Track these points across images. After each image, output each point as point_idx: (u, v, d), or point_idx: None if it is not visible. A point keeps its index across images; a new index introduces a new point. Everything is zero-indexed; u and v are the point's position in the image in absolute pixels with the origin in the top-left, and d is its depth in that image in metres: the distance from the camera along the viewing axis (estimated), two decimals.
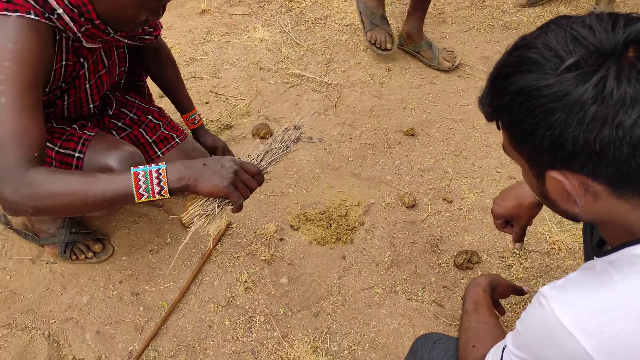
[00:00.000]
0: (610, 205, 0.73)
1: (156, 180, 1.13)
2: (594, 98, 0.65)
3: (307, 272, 1.70)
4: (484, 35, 2.64)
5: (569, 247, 1.72)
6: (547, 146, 0.70)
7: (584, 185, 0.72)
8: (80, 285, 1.65)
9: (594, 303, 0.68)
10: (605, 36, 0.66)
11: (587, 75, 0.65)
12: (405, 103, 2.28)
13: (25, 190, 1.10)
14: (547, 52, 0.68)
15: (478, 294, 1.14)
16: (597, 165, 0.68)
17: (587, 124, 0.66)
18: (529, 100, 0.69)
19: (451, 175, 1.99)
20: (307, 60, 2.50)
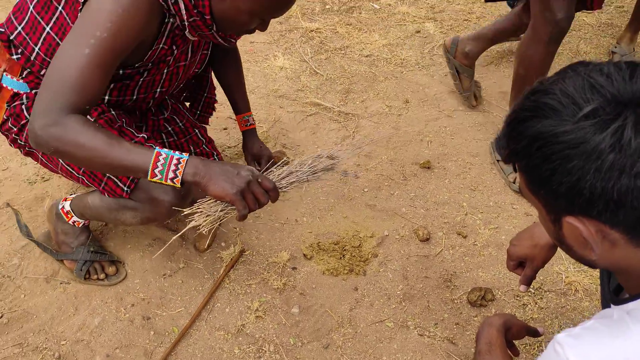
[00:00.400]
0: (627, 253, 0.73)
1: (174, 167, 1.18)
2: (612, 147, 0.65)
3: (318, 302, 1.69)
4: (503, 71, 2.65)
5: (586, 288, 1.69)
6: (564, 192, 0.70)
7: (601, 233, 0.72)
8: (93, 307, 1.65)
9: (609, 354, 0.68)
10: (623, 85, 0.67)
11: (605, 124, 0.66)
12: (422, 135, 2.29)
13: (55, 129, 1.15)
14: (565, 99, 0.69)
15: (492, 334, 1.12)
16: (615, 213, 0.68)
17: (604, 172, 0.66)
18: (546, 145, 0.70)
19: (466, 209, 1.98)
20: (326, 90, 2.53)
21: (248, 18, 1.29)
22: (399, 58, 2.72)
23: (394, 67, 2.67)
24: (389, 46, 2.81)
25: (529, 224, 1.91)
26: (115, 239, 1.85)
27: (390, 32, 2.91)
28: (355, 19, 3.01)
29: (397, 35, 2.88)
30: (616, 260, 0.75)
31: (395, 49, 2.79)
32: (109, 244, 1.83)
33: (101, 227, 1.88)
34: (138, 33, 1.23)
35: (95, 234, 1.83)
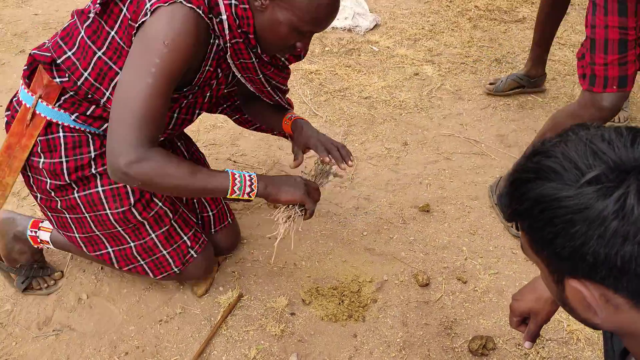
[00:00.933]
0: (632, 318, 0.72)
1: (248, 183, 1.38)
2: (615, 214, 0.65)
3: (317, 350, 1.65)
4: (500, 114, 2.67)
5: (588, 337, 1.66)
6: (567, 256, 0.70)
7: (604, 297, 0.71)
8: (85, 355, 1.62)
9: None
10: (624, 152, 0.68)
11: (608, 191, 0.66)
12: (420, 178, 2.29)
13: (141, 166, 1.25)
14: (567, 163, 0.69)
15: None
16: (618, 279, 0.68)
17: (608, 239, 0.66)
18: (548, 209, 0.70)
19: (466, 254, 1.96)
20: (325, 132, 2.54)
21: (287, 31, 1.33)
22: (397, 100, 2.75)
23: (393, 109, 2.70)
24: (387, 88, 2.84)
25: (528, 269, 1.89)
26: (111, 282, 1.82)
27: (389, 74, 2.95)
28: (354, 61, 3.05)
29: (395, 78, 2.92)
30: (620, 324, 0.74)
31: (394, 91, 2.82)
32: (104, 289, 1.81)
33: (97, 270, 1.86)
34: (190, 56, 1.29)
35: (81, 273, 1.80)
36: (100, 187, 1.54)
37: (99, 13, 1.39)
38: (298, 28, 1.33)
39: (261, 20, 1.33)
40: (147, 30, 1.26)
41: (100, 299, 1.78)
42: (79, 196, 1.54)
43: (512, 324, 1.28)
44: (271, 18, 1.32)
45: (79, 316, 1.73)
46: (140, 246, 1.62)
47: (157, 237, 1.62)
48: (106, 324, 1.71)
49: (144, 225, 1.59)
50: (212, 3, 1.30)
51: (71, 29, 1.47)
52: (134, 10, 1.31)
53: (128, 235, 1.60)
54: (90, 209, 1.55)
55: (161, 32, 1.24)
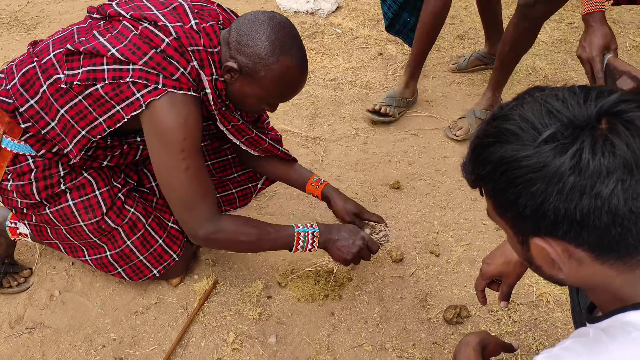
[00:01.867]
0: (594, 271, 0.74)
1: (310, 240, 1.57)
2: (572, 169, 0.67)
3: (295, 330, 1.67)
4: (465, 89, 2.71)
5: (557, 299, 1.71)
6: (530, 215, 0.72)
7: (567, 252, 0.73)
8: (61, 351, 1.60)
9: None
10: (578, 109, 0.70)
11: (563, 148, 0.68)
12: (390, 156, 2.31)
13: (217, 237, 1.46)
14: (524, 124, 0.71)
15: (469, 354, 1.12)
16: (579, 233, 0.70)
17: (566, 194, 0.68)
18: (509, 170, 0.72)
19: (438, 228, 2.00)
20: (292, 115, 2.54)
21: (256, 102, 1.44)
22: (363, 81, 2.76)
23: (359, 89, 2.71)
24: (352, 69, 2.84)
25: (499, 238, 1.94)
26: (83, 277, 1.80)
27: (354, 55, 2.95)
28: (318, 44, 3.04)
29: (360, 59, 2.92)
30: (584, 278, 0.77)
31: (359, 72, 2.82)
32: (76, 284, 1.78)
33: (67, 265, 1.83)
34: (199, 128, 1.40)
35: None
36: (71, 200, 1.54)
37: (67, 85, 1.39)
38: (266, 101, 1.45)
39: (232, 91, 1.43)
40: (157, 125, 1.35)
41: (73, 295, 1.75)
42: (51, 212, 1.55)
43: (479, 287, 1.31)
44: (241, 90, 1.41)
45: (52, 313, 1.70)
46: (117, 254, 1.63)
47: (133, 243, 1.62)
48: (81, 318, 1.69)
49: (118, 232, 1.59)
50: (197, 80, 1.38)
51: (31, 76, 1.44)
52: (114, 92, 1.34)
53: (104, 244, 1.60)
54: (64, 222, 1.56)
55: (172, 124, 1.34)
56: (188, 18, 1.38)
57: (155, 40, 1.33)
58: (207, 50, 1.37)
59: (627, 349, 0.68)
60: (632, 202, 0.67)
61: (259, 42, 1.33)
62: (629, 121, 0.68)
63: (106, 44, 1.34)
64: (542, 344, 1.60)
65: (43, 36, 3.17)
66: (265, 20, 1.35)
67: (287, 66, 1.36)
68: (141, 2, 1.43)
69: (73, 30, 1.46)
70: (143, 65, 1.31)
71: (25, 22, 3.30)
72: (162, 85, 1.32)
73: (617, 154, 0.67)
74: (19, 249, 1.86)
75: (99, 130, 1.42)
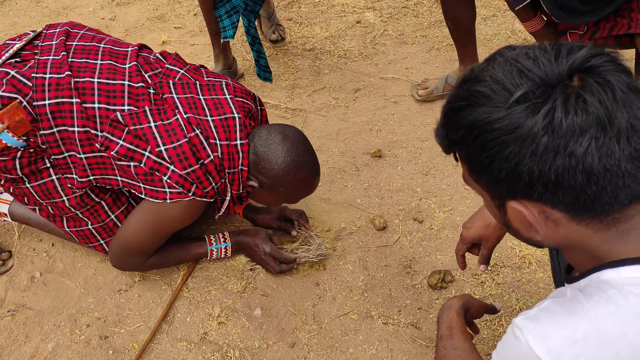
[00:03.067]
0: (571, 231, 0.74)
1: (223, 252, 1.72)
2: (545, 129, 0.66)
3: (280, 302, 1.67)
4: (444, 54, 2.68)
5: (539, 260, 1.73)
6: (505, 178, 0.71)
7: (543, 214, 0.73)
8: (45, 332, 1.58)
9: (567, 334, 0.68)
10: (549, 67, 0.68)
11: (535, 107, 0.67)
12: (370, 125, 2.29)
13: (141, 268, 1.66)
14: (495, 85, 0.70)
15: (452, 317, 1.13)
16: (554, 194, 0.69)
17: (540, 154, 0.67)
18: (482, 134, 0.71)
19: (420, 194, 2.00)
20: (271, 87, 2.50)
21: (275, 204, 1.67)
22: (341, 49, 2.72)
23: (338, 58, 2.67)
24: (330, 38, 2.80)
25: (481, 203, 1.94)
26: (64, 258, 1.78)
27: (331, 24, 2.90)
28: (295, 14, 2.98)
29: (338, 27, 2.88)
30: (561, 238, 0.77)
31: (338, 41, 2.78)
32: (57, 265, 1.76)
33: (48, 247, 1.81)
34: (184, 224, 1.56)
35: None
36: (54, 175, 1.50)
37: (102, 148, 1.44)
38: (285, 202, 1.64)
39: (253, 195, 1.61)
40: (163, 207, 1.46)
41: (55, 276, 1.73)
42: (32, 186, 1.51)
43: (460, 251, 1.32)
44: (261, 197, 1.60)
45: (34, 294, 1.68)
46: (101, 227, 1.60)
47: (117, 217, 1.60)
48: (63, 299, 1.67)
49: (101, 205, 1.57)
50: (220, 188, 1.50)
51: (65, 111, 1.41)
52: (144, 176, 1.43)
53: (87, 217, 1.57)
54: (45, 197, 1.52)
55: (174, 215, 1.48)
56: (236, 135, 1.48)
57: (202, 153, 1.43)
58: (242, 169, 1.51)
59: (604, 307, 0.68)
60: (606, 160, 0.66)
61: (276, 166, 1.49)
62: (600, 76, 0.67)
63: (157, 137, 1.41)
64: (526, 305, 1.62)
65: (10, 15, 3.07)
66: (279, 142, 1.49)
67: (303, 179, 1.53)
68: (197, 97, 1.50)
69: (124, 72, 1.47)
70: (185, 174, 1.41)
71: None
72: (192, 194, 1.44)
73: (589, 111, 0.66)
74: (6, 226, 1.83)
75: (112, 183, 1.50)
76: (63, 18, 3.02)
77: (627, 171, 0.67)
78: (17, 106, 1.37)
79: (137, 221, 1.52)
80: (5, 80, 1.38)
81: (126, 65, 1.49)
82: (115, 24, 2.95)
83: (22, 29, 2.91)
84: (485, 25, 2.86)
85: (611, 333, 0.66)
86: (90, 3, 3.14)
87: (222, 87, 1.55)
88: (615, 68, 0.68)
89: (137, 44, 1.58)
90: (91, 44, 1.50)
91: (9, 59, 1.43)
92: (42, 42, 1.48)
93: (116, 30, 2.90)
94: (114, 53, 1.51)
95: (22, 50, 1.47)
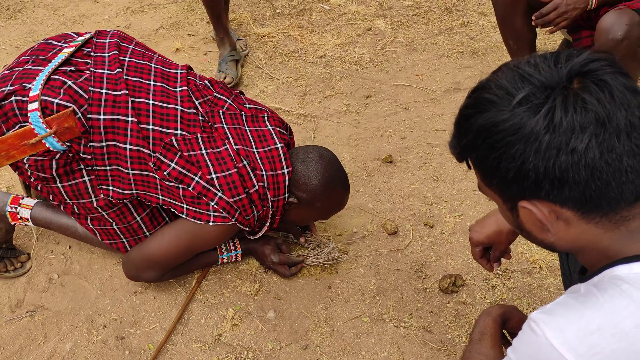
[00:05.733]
0: (582, 231, 0.76)
1: (234, 259, 1.77)
2: (546, 127, 0.70)
3: (293, 304, 1.69)
4: (454, 62, 2.71)
5: (550, 265, 1.74)
6: (513, 178, 0.74)
7: (554, 213, 0.75)
8: (63, 332, 1.61)
9: (583, 325, 0.70)
10: (549, 72, 0.72)
11: (537, 108, 0.71)
12: (381, 131, 2.32)
13: (154, 280, 1.68)
14: (499, 91, 0.74)
15: (487, 323, 1.10)
16: (561, 190, 0.72)
17: (543, 152, 0.70)
18: (489, 136, 0.75)
19: (431, 200, 2.02)
20: (283, 94, 2.54)
21: (310, 220, 1.77)
22: (352, 57, 2.75)
23: (349, 65, 2.70)
24: (342, 45, 2.83)
25: (491, 208, 1.95)
26: (81, 260, 1.81)
27: (342, 31, 2.94)
28: (306, 21, 3.02)
29: (349, 34, 2.91)
30: (573, 240, 0.79)
31: (349, 48, 2.82)
32: (74, 267, 1.79)
33: (65, 249, 1.84)
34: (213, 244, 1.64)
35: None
36: (86, 176, 1.51)
37: (156, 169, 1.48)
38: (319, 219, 1.73)
39: (289, 214, 1.67)
40: (202, 228, 1.52)
41: (72, 277, 1.77)
42: (63, 186, 1.52)
43: (477, 255, 1.33)
44: (298, 214, 1.66)
45: (52, 296, 1.71)
46: (125, 228, 1.63)
47: (142, 219, 1.63)
48: (80, 300, 1.70)
49: (128, 207, 1.59)
50: (262, 215, 1.58)
51: (119, 127, 1.45)
52: (191, 199, 1.49)
53: (112, 219, 1.60)
54: (75, 197, 1.54)
55: (211, 236, 1.54)
56: (281, 164, 1.57)
57: (249, 183, 1.51)
58: (284, 198, 1.58)
59: (617, 301, 0.70)
60: (607, 155, 0.69)
61: (316, 181, 1.58)
62: (599, 78, 0.71)
63: (209, 164, 1.48)
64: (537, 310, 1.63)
65: (28, 23, 3.13)
66: (317, 160, 1.60)
67: (339, 194, 1.65)
68: (244, 129, 1.58)
69: (176, 96, 1.52)
70: (232, 202, 1.48)
71: (9, 8, 3.25)
72: (235, 220, 1.51)
73: (588, 109, 0.69)
74: (16, 234, 1.86)
75: (151, 200, 1.54)
76: (79, 26, 3.08)
77: (629, 166, 0.70)
78: (69, 114, 1.39)
79: (172, 238, 1.57)
80: (63, 90, 1.41)
81: (177, 89, 1.54)
82: (130, 31, 3.00)
83: (40, 36, 2.97)
84: (497, 34, 2.88)
85: (625, 325, 0.68)
86: (105, 11, 3.20)
87: (265, 120, 1.65)
88: (613, 70, 0.72)
89: (184, 65, 1.63)
90: (143, 62, 1.54)
91: (61, 65, 1.45)
92: (94, 52, 1.51)
93: None
94: (165, 75, 1.55)
95: (71, 56, 1.49)
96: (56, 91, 1.40)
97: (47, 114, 1.39)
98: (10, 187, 2.05)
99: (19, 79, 1.43)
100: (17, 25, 3.11)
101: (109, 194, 1.52)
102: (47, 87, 1.40)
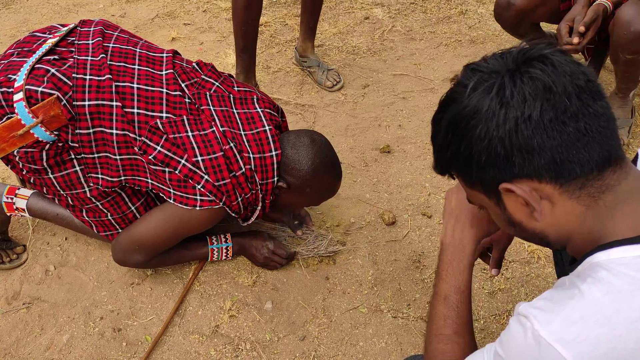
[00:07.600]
0: (566, 209, 0.79)
1: (225, 252, 1.74)
2: (500, 102, 0.76)
3: (291, 295, 1.69)
4: (452, 51, 2.69)
5: (548, 255, 1.74)
6: (486, 160, 0.78)
7: (535, 191, 0.78)
8: (60, 324, 1.61)
9: (567, 315, 0.73)
10: (496, 62, 0.80)
11: (489, 89, 0.77)
12: (379, 120, 2.30)
13: (142, 266, 1.66)
14: (457, 88, 0.82)
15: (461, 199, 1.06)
16: (531, 160, 0.76)
17: (503, 124, 0.75)
18: (456, 127, 0.80)
19: (429, 190, 2.01)
20: (280, 83, 2.52)
21: (299, 206, 1.74)
22: (350, 46, 2.73)
23: (346, 55, 2.68)
24: (339, 34, 2.81)
25: None
26: (77, 252, 1.80)
27: (340, 20, 2.92)
28: None
29: (346, 23, 2.89)
30: (560, 222, 0.80)
31: (346, 37, 2.79)
32: (71, 259, 1.78)
33: (61, 241, 1.83)
34: (199, 230, 1.60)
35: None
36: (78, 166, 1.50)
37: (140, 153, 1.46)
38: (309, 204, 1.72)
39: (279, 200, 1.63)
40: (191, 217, 1.50)
41: (69, 269, 1.76)
42: (55, 177, 1.51)
43: None
44: (288, 199, 1.63)
45: (49, 287, 1.71)
46: (120, 218, 1.62)
47: (137, 209, 1.62)
48: (77, 292, 1.70)
49: (122, 197, 1.58)
50: (251, 199, 1.55)
51: (104, 113, 1.43)
52: (177, 182, 1.46)
53: (107, 209, 1.59)
54: (67, 187, 1.53)
55: (201, 223, 1.53)
56: (269, 147, 1.53)
57: (235, 166, 1.48)
58: (274, 181, 1.54)
59: (597, 288, 0.72)
60: (563, 115, 0.74)
61: (306, 166, 1.54)
62: (539, 54, 0.77)
63: (195, 147, 1.45)
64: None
65: (22, 12, 3.10)
66: (308, 145, 1.56)
67: (329, 180, 1.60)
68: (232, 111, 1.55)
69: (161, 79, 1.50)
70: (218, 185, 1.46)
71: None
72: (222, 203, 1.49)
73: (534, 78, 0.75)
74: (12, 226, 1.85)
75: (141, 184, 1.53)
76: (74, 15, 3.05)
77: (587, 124, 0.74)
78: (54, 102, 1.38)
79: (159, 222, 1.55)
80: (47, 78, 1.39)
81: (162, 72, 1.52)
82: (126, 20, 2.97)
83: (34, 26, 2.94)
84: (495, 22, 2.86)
85: (607, 310, 0.70)
86: (100, 0, 3.17)
87: (254, 102, 1.61)
88: (553, 49, 0.78)
89: (170, 50, 1.61)
90: (127, 48, 1.52)
91: (45, 55, 1.44)
92: (78, 40, 1.49)
93: (126, 27, 2.92)
94: (150, 59, 1.53)
95: (56, 46, 1.48)
96: (40, 79, 1.39)
97: (33, 103, 1.38)
98: (5, 179, 2.04)
99: (4, 71, 1.42)
100: (10, 15, 3.08)
101: (98, 182, 1.51)
102: (31, 76, 1.39)
